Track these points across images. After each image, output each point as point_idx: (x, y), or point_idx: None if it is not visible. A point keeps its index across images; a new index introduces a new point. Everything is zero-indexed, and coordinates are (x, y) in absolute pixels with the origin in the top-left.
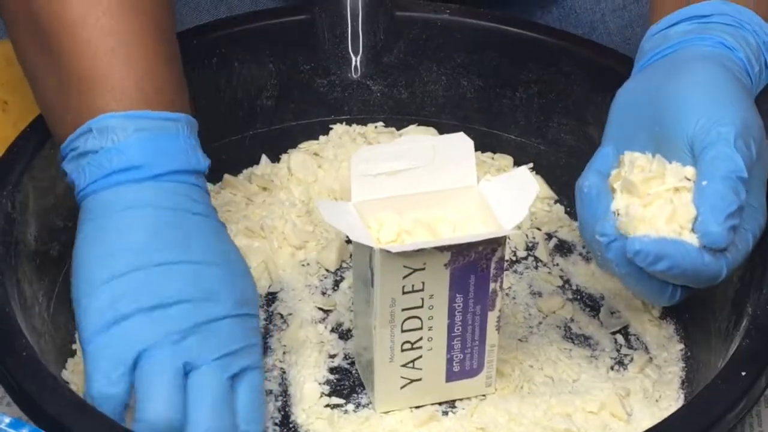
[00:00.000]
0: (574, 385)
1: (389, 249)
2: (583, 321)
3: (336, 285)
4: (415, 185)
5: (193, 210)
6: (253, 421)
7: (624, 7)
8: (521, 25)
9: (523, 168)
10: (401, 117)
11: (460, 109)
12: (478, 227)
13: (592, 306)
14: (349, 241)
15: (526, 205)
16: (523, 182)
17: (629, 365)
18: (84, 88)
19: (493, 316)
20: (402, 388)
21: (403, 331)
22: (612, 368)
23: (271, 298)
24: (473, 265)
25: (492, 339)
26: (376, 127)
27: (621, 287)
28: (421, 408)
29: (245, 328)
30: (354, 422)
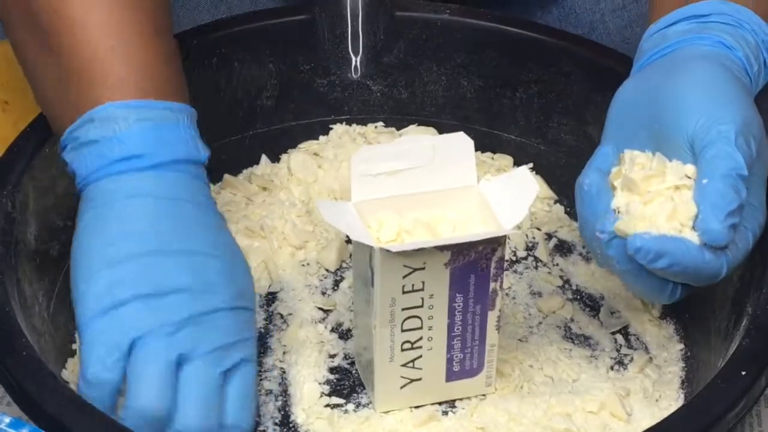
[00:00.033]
0: (574, 385)
1: (389, 248)
2: (583, 321)
3: (336, 285)
4: (415, 185)
5: (193, 200)
6: (242, 416)
7: (624, 7)
8: (521, 25)
9: (523, 168)
10: (401, 117)
11: (460, 109)
12: (478, 227)
13: (592, 306)
14: (349, 241)
15: (526, 205)
16: (523, 182)
17: (629, 365)
18: (84, 82)
19: (493, 316)
20: (402, 387)
21: (403, 331)
22: (612, 368)
23: (271, 298)
24: (473, 265)
25: (492, 339)
26: (376, 127)
27: (621, 287)
28: (421, 408)
29: (240, 321)
30: (354, 422)
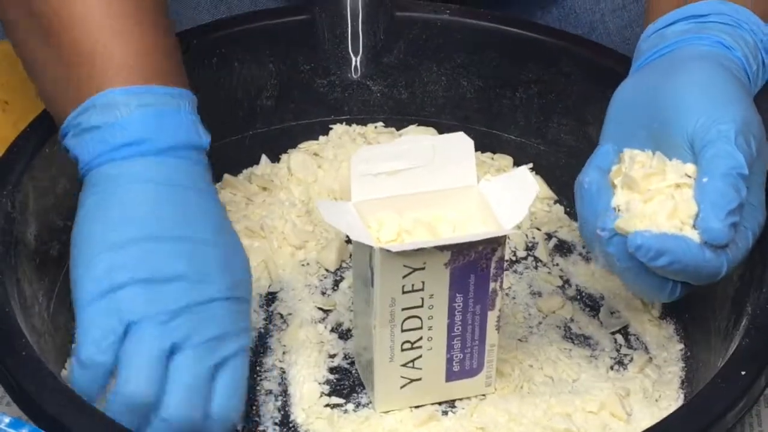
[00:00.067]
0: (574, 385)
1: (389, 248)
2: (582, 321)
3: (336, 285)
4: (415, 185)
5: (194, 187)
6: (230, 408)
7: (623, 7)
8: (521, 25)
9: (523, 168)
10: (401, 117)
11: (460, 109)
12: (478, 227)
13: (592, 306)
14: (349, 241)
15: (526, 204)
16: (522, 182)
17: (629, 365)
18: (85, 72)
19: (493, 316)
20: (402, 387)
21: (402, 331)
22: (612, 368)
23: (271, 297)
24: (473, 265)
25: (492, 339)
26: (376, 127)
27: (621, 287)
28: (421, 408)
29: (235, 312)
30: (354, 422)
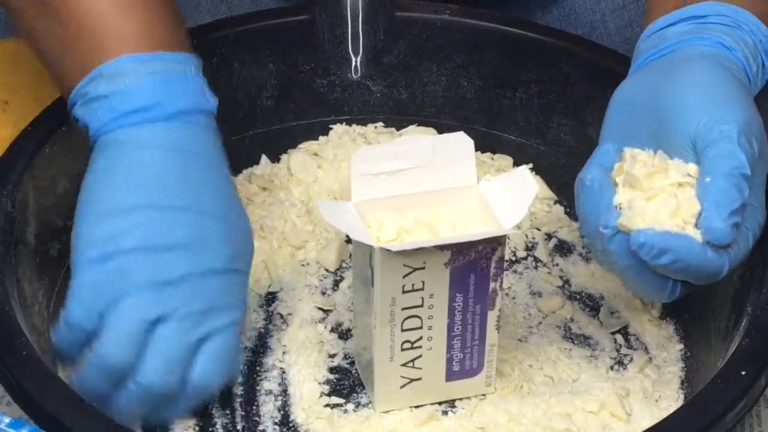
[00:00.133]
0: (573, 385)
1: (389, 248)
2: (582, 321)
3: (336, 285)
4: (415, 185)
5: (202, 154)
6: (209, 377)
7: (624, 7)
8: (521, 25)
9: (523, 168)
10: (401, 117)
11: (460, 110)
12: (478, 227)
13: (592, 306)
14: (349, 241)
15: (526, 204)
16: (522, 182)
17: (629, 365)
18: (90, 41)
19: (493, 316)
20: (402, 387)
21: (402, 331)
22: (612, 368)
23: (271, 298)
24: (473, 265)
25: (492, 339)
26: (376, 127)
27: (621, 287)
28: (421, 407)
29: (231, 285)
30: (354, 422)
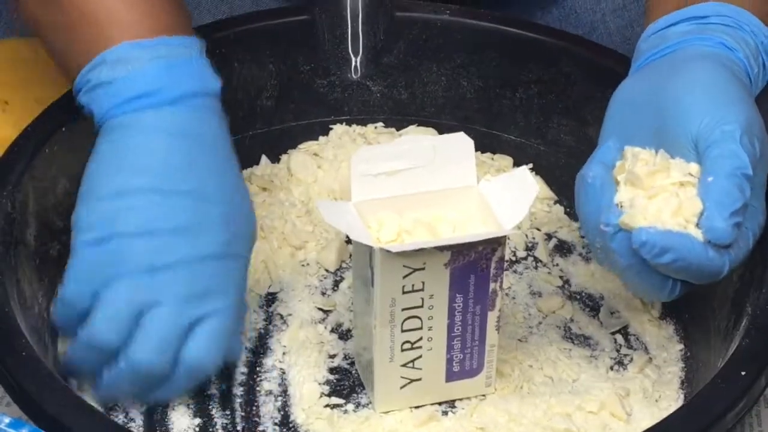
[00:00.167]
0: (573, 385)
1: (389, 248)
2: (582, 321)
3: (336, 285)
4: (415, 185)
5: (207, 136)
6: (201, 358)
7: (624, 7)
8: (521, 25)
9: (523, 168)
10: (401, 117)
11: (460, 110)
12: (478, 227)
13: (592, 306)
14: (349, 241)
15: (526, 205)
16: (522, 182)
17: (629, 365)
18: (92, 28)
19: (493, 316)
20: (402, 388)
21: (402, 331)
22: (612, 368)
23: (271, 298)
24: (473, 265)
25: (492, 339)
26: (376, 127)
27: (621, 287)
28: (421, 408)
29: (228, 269)
30: (354, 422)
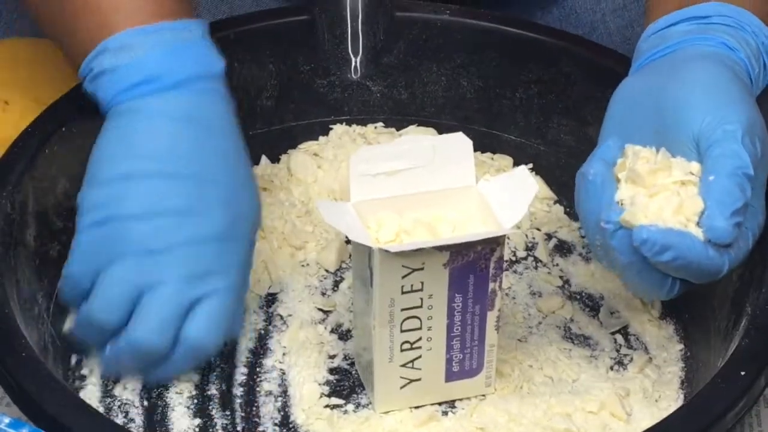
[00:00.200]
0: (573, 385)
1: (388, 249)
2: (582, 321)
3: (336, 285)
4: (415, 185)
5: (212, 120)
6: (201, 338)
7: (624, 7)
8: (521, 25)
9: (523, 168)
10: (401, 117)
11: (460, 110)
12: (478, 227)
13: (592, 306)
14: (348, 242)
15: (526, 204)
16: (522, 182)
17: (629, 365)
18: (93, 14)
19: (493, 316)
20: (401, 388)
21: (402, 331)
22: (612, 368)
23: (271, 299)
24: (472, 265)
25: (491, 339)
26: (375, 127)
27: (621, 287)
28: (421, 408)
29: (231, 250)
30: (354, 422)
